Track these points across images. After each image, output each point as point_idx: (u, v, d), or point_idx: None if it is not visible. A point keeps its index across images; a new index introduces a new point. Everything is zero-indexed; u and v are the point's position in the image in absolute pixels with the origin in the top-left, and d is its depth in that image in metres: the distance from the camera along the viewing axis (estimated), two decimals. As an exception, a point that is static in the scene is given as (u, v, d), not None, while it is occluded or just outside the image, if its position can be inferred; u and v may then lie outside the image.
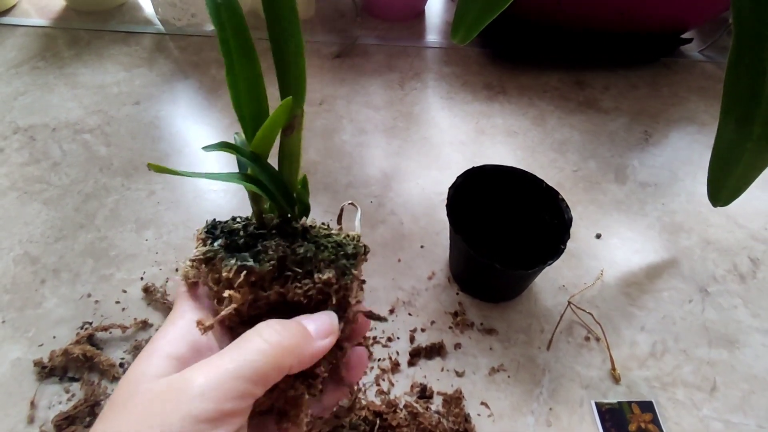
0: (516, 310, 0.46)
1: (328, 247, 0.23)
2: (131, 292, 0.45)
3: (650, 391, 0.41)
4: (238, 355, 0.18)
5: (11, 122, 0.61)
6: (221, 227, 0.24)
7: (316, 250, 0.22)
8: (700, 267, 0.50)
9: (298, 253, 0.22)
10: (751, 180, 0.42)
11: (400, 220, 0.53)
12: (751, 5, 0.36)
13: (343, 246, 0.23)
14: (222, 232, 0.23)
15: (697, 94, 0.72)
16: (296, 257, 0.22)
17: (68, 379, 0.39)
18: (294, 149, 0.22)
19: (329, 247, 0.23)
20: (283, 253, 0.22)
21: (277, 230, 0.23)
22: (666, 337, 0.45)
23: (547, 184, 0.44)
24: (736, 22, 0.36)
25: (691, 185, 0.59)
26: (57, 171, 0.56)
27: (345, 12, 0.85)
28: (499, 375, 0.42)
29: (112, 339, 0.42)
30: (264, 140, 0.21)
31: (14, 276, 0.46)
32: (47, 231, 0.50)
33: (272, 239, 0.22)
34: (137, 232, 0.50)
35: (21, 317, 0.43)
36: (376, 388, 0.40)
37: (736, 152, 0.41)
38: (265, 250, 0.22)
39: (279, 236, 0.23)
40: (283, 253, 0.22)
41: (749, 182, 0.42)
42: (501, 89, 0.71)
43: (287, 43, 0.21)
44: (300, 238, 0.23)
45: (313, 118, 0.64)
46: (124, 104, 0.65)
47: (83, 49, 0.73)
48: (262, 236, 0.23)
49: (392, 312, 0.45)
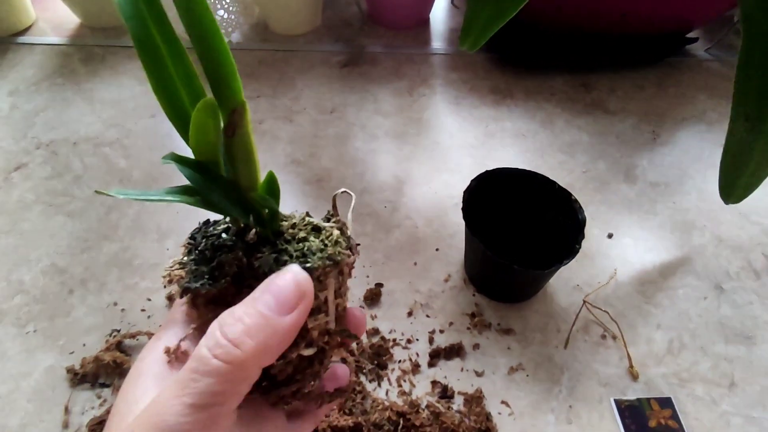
0: (532, 310, 0.47)
1: (292, 257, 0.20)
2: (155, 300, 0.47)
3: (669, 387, 0.42)
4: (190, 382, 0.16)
5: (34, 138, 0.63)
6: (203, 233, 0.23)
7: (274, 263, 0.20)
8: (713, 264, 0.51)
9: (254, 267, 0.20)
10: (763, 177, 0.43)
11: (414, 224, 0.54)
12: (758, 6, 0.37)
13: (309, 255, 0.21)
14: (203, 238, 0.22)
15: (704, 92, 0.73)
16: (253, 272, 0.20)
17: (99, 385, 0.40)
18: (243, 149, 0.19)
19: (293, 258, 0.20)
20: (238, 269, 0.21)
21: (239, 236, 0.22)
22: (682, 334, 0.45)
23: (559, 186, 0.45)
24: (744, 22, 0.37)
25: (701, 183, 0.59)
26: (79, 184, 0.57)
27: (351, 21, 0.87)
28: (518, 374, 0.42)
29: (140, 345, 0.43)
30: (202, 146, 0.19)
31: (43, 287, 0.47)
32: (73, 242, 0.51)
33: (230, 252, 0.21)
34: (159, 241, 0.52)
35: (51, 326, 0.44)
36: (398, 388, 0.41)
37: (748, 150, 0.41)
38: (221, 265, 0.21)
39: (243, 246, 0.21)
40: (237, 268, 0.21)
41: (761, 179, 0.43)
42: (508, 93, 0.72)
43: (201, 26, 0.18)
44: (268, 247, 0.21)
45: (324, 126, 0.66)
46: (140, 117, 0.67)
47: (99, 65, 0.75)
48: (222, 248, 0.21)
49: (410, 314, 0.46)
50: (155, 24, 0.19)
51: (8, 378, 0.41)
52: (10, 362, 0.42)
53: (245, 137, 0.19)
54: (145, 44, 0.19)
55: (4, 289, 0.47)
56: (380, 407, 0.39)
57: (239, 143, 0.19)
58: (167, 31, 0.19)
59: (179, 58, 0.19)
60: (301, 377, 0.21)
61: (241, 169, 0.20)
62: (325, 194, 0.57)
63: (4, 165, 0.59)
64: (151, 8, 0.18)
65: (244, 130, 0.19)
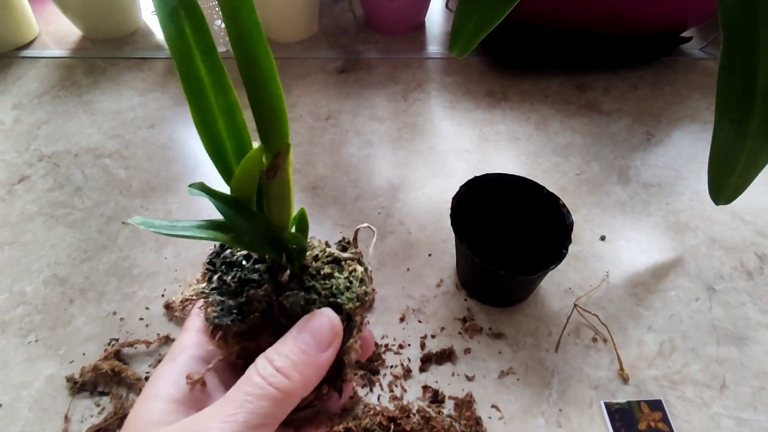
0: (523, 314, 0.47)
1: (320, 296, 0.21)
2: (153, 308, 0.48)
3: (659, 390, 0.42)
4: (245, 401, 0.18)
5: (36, 150, 0.65)
6: (223, 257, 0.23)
7: (304, 303, 0.21)
8: (706, 265, 0.51)
9: (284, 306, 0.21)
10: (751, 178, 0.43)
11: (407, 230, 0.55)
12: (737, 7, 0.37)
13: (338, 295, 0.21)
14: (222, 264, 0.22)
15: (699, 91, 0.72)
16: (283, 310, 0.21)
17: (98, 393, 0.41)
18: (281, 191, 0.19)
19: (321, 296, 0.21)
20: (267, 305, 0.21)
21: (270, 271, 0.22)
22: (674, 336, 0.45)
23: (548, 191, 0.45)
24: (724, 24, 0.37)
25: (695, 183, 0.59)
26: (80, 195, 0.59)
27: (347, 27, 0.88)
28: (509, 378, 0.43)
29: (138, 354, 0.44)
30: (242, 186, 0.19)
31: (44, 297, 0.48)
32: (73, 253, 0.52)
33: (260, 287, 0.21)
34: (157, 251, 0.53)
35: (52, 336, 0.45)
36: (389, 393, 0.42)
37: (734, 151, 0.42)
38: (251, 301, 0.21)
39: (271, 280, 0.21)
40: (267, 305, 0.21)
41: (750, 180, 0.43)
42: (503, 96, 0.73)
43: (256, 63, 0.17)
44: (295, 282, 0.22)
45: (320, 133, 0.66)
46: (140, 128, 0.68)
47: (100, 77, 0.77)
48: (251, 282, 0.21)
49: (403, 320, 0.47)
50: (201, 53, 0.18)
51: (10, 387, 0.42)
52: (12, 372, 0.43)
53: (285, 179, 0.19)
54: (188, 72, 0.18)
55: (7, 300, 0.48)
56: (371, 412, 0.40)
57: (278, 184, 0.19)
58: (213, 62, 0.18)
59: (222, 91, 0.19)
60: (318, 403, 0.22)
61: (275, 208, 0.20)
62: (320, 201, 0.58)
63: (8, 177, 0.61)
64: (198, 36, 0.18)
65: (285, 173, 0.19)
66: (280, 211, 0.20)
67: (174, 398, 0.19)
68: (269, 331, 0.21)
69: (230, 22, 0.17)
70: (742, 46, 0.37)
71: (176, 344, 0.22)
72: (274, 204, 0.20)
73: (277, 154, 0.18)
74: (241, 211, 0.19)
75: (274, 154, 0.18)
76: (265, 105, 0.18)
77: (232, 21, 0.16)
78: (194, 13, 0.18)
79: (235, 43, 0.17)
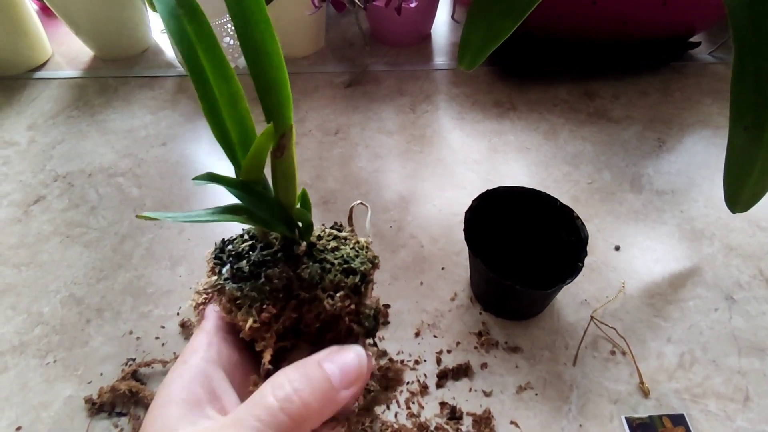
0: (539, 327, 0.47)
1: (335, 265, 0.23)
2: (169, 327, 0.48)
3: (681, 403, 0.41)
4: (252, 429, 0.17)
5: (51, 170, 0.66)
6: (228, 251, 0.24)
7: (321, 272, 0.22)
8: (724, 274, 0.50)
9: (303, 278, 0.22)
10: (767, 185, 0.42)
11: (419, 243, 0.55)
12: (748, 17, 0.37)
13: (351, 261, 0.23)
14: (230, 257, 0.23)
15: (710, 96, 0.72)
16: (302, 282, 0.22)
17: (116, 414, 0.41)
18: (288, 169, 0.21)
19: (336, 265, 0.23)
20: (287, 281, 0.22)
21: (283, 250, 0.23)
22: (694, 348, 0.45)
23: (561, 203, 0.45)
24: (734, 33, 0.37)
25: (708, 190, 0.59)
26: (95, 214, 0.60)
27: (354, 41, 0.88)
28: (527, 393, 0.42)
29: (155, 373, 0.44)
30: (252, 168, 0.20)
31: (62, 317, 0.49)
32: (89, 272, 0.53)
33: (275, 266, 0.22)
34: (171, 268, 0.53)
35: (70, 356, 0.46)
36: (407, 411, 0.42)
37: (750, 159, 0.41)
38: (270, 279, 0.22)
39: (284, 259, 0.23)
40: (287, 280, 0.22)
41: (766, 187, 0.42)
42: (511, 106, 0.73)
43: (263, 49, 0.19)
44: (306, 258, 0.23)
45: (329, 148, 0.67)
46: (152, 146, 0.69)
47: (112, 96, 0.78)
48: (266, 263, 0.23)
49: (418, 335, 0.47)
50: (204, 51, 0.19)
51: (30, 409, 0.42)
52: (31, 393, 0.43)
53: (290, 158, 0.20)
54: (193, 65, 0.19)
55: (25, 321, 0.49)
56: (389, 430, 0.39)
57: (285, 163, 0.20)
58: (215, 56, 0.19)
59: (225, 81, 0.20)
60: None
61: (282, 186, 0.21)
62: (331, 216, 0.58)
63: (24, 198, 0.62)
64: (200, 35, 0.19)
65: (290, 152, 0.20)
66: (288, 188, 0.21)
67: (187, 401, 0.19)
68: (291, 308, 0.22)
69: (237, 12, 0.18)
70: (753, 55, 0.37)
71: (188, 346, 0.22)
72: (281, 182, 0.21)
73: (283, 134, 0.19)
74: (252, 192, 0.21)
75: (280, 135, 0.19)
76: (272, 89, 0.19)
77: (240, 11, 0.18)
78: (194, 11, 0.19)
79: (242, 32, 0.18)
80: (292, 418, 0.18)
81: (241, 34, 0.19)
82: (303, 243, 0.24)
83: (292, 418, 0.18)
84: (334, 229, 0.26)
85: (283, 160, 0.20)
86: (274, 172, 0.21)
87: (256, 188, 0.21)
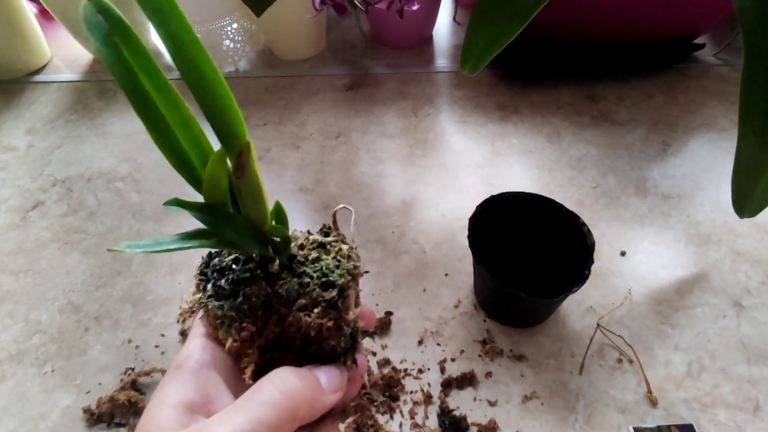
0: (545, 335, 0.46)
1: (313, 279, 0.22)
2: (168, 335, 0.47)
3: (690, 413, 0.40)
4: (253, 410, 0.18)
5: (50, 175, 0.65)
6: (213, 266, 0.24)
7: (299, 287, 0.22)
8: (731, 279, 0.49)
9: (281, 295, 0.22)
10: (777, 191, 0.42)
11: (422, 249, 0.54)
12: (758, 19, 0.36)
13: (330, 273, 0.23)
14: (214, 272, 0.23)
15: (715, 98, 0.71)
16: (280, 299, 0.22)
17: (115, 425, 0.41)
18: (252, 187, 0.20)
19: (315, 279, 0.22)
20: (266, 298, 0.22)
21: (261, 266, 0.23)
22: (702, 356, 0.44)
23: (567, 209, 0.44)
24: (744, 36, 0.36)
25: (715, 194, 0.58)
26: (93, 220, 0.59)
27: (355, 43, 0.88)
28: (533, 402, 0.42)
29: (154, 383, 0.44)
30: (212, 193, 0.20)
31: (60, 325, 0.48)
32: (88, 279, 0.52)
33: (253, 283, 0.22)
34: (170, 275, 0.53)
35: (68, 365, 0.45)
36: (411, 421, 0.41)
37: (758, 165, 0.40)
38: (248, 297, 0.22)
39: (263, 275, 0.23)
40: (265, 297, 0.22)
41: (775, 193, 0.42)
42: (514, 109, 0.72)
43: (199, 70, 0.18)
44: (285, 272, 0.23)
45: (331, 152, 0.66)
46: (151, 150, 0.68)
47: (111, 99, 0.78)
48: (244, 281, 0.22)
49: (421, 343, 0.46)
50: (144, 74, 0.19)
51: (28, 419, 0.42)
52: (29, 403, 0.43)
53: (253, 176, 0.20)
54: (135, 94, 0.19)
55: (23, 329, 0.48)
56: None
57: (248, 182, 0.20)
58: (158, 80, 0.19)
59: (173, 106, 0.19)
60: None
61: (250, 204, 0.21)
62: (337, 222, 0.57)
63: (22, 203, 0.61)
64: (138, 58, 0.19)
65: (252, 170, 0.19)
66: (256, 206, 0.21)
67: (181, 404, 0.19)
68: (273, 323, 0.22)
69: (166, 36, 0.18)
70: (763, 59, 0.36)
71: (182, 351, 0.22)
72: (248, 202, 0.21)
73: (240, 153, 0.19)
74: (219, 215, 0.20)
75: (237, 154, 0.19)
76: (216, 109, 0.19)
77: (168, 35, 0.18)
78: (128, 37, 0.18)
79: (175, 54, 0.18)
80: (281, 411, 0.18)
81: (175, 58, 0.18)
82: (276, 262, 0.23)
83: (281, 411, 0.18)
84: (322, 233, 0.26)
85: (245, 179, 0.19)
86: (238, 192, 0.20)
87: (224, 210, 0.21)
